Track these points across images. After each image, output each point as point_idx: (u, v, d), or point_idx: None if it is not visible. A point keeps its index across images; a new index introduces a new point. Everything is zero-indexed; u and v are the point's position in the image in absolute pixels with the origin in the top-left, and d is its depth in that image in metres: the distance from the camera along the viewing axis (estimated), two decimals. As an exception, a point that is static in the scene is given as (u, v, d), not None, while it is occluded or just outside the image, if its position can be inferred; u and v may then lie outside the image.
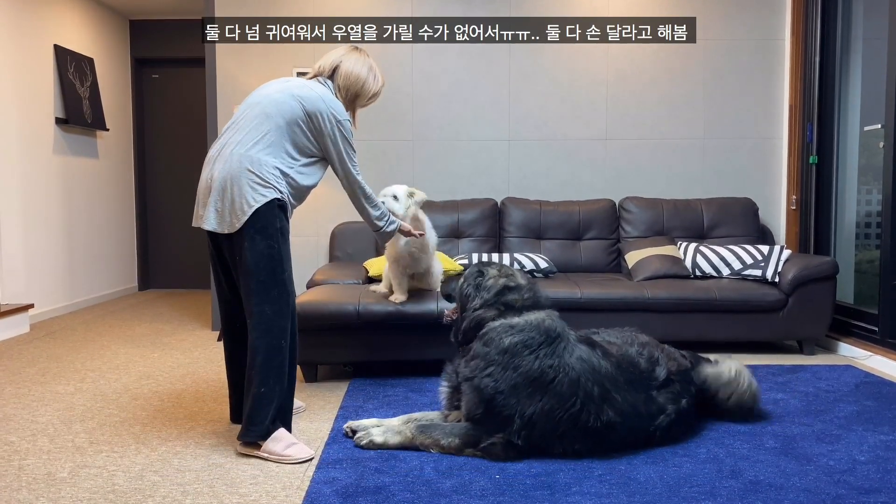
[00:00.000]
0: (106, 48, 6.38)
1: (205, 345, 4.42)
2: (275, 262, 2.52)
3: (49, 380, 3.58)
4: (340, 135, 2.69)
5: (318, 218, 4.89)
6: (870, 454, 2.51)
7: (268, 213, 2.51)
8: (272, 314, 2.52)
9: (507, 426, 2.40)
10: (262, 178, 2.52)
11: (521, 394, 2.38)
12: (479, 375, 2.44)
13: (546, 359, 2.41)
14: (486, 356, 2.46)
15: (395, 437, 2.56)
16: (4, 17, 4.90)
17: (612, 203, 4.79)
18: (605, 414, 2.42)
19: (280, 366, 2.52)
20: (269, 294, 2.52)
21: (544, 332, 2.48)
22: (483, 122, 4.94)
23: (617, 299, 3.99)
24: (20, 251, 5.07)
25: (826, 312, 4.05)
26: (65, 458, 2.51)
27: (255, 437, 2.50)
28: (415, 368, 3.68)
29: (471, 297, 2.66)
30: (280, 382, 2.53)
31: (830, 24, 4.61)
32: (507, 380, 2.39)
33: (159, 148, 7.01)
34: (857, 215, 4.51)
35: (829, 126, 4.64)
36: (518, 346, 2.43)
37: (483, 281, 2.67)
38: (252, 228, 2.50)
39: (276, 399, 2.51)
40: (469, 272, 2.75)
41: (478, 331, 2.58)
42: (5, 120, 4.90)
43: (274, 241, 2.53)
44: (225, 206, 2.53)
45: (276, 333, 2.52)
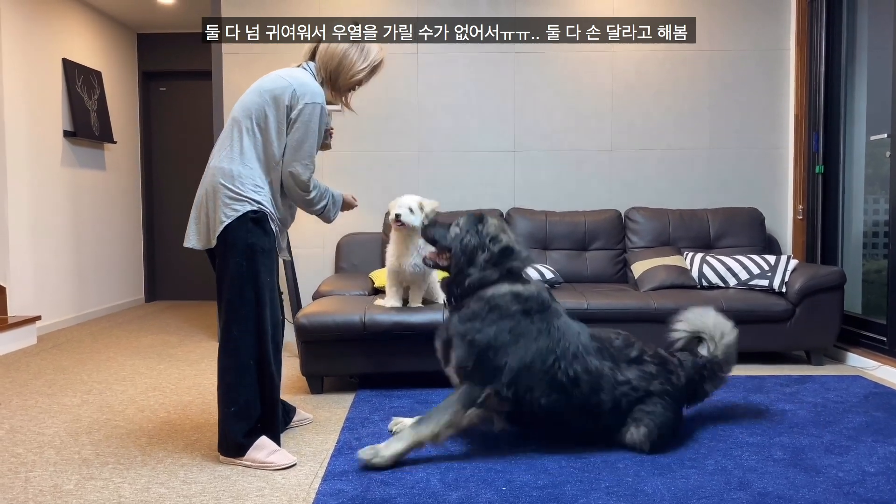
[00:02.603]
0: (114, 61, 6.43)
1: (211, 356, 4.42)
2: (243, 280, 2.46)
3: (56, 392, 3.58)
4: (302, 120, 2.48)
5: (324, 229, 4.90)
6: (879, 465, 2.49)
7: (237, 229, 2.45)
8: (238, 335, 2.49)
9: (496, 377, 2.51)
10: (235, 192, 2.45)
11: (509, 348, 2.52)
12: (474, 333, 2.54)
13: (538, 322, 2.58)
14: (489, 320, 2.54)
15: (399, 443, 2.50)
16: (14, 31, 4.95)
17: (617, 213, 4.78)
18: (573, 369, 2.56)
19: (251, 384, 2.51)
20: (236, 314, 2.49)
21: (541, 302, 2.62)
22: (488, 133, 4.95)
23: (623, 310, 3.98)
24: (28, 263, 5.09)
25: (834, 322, 4.03)
26: (71, 471, 2.51)
27: (229, 453, 2.53)
28: (421, 380, 3.67)
29: (475, 250, 2.62)
30: (253, 400, 2.51)
31: (835, 34, 4.62)
32: (501, 337, 2.53)
33: (166, 160, 7.04)
34: (865, 225, 4.50)
35: (835, 135, 4.63)
36: (519, 314, 2.56)
37: (484, 229, 2.65)
38: (223, 245, 2.47)
39: (248, 416, 2.51)
40: (467, 220, 2.70)
41: (479, 289, 2.60)
42: (14, 133, 4.94)
43: (242, 259, 2.46)
44: (201, 222, 2.53)
45: (243, 353, 2.49)
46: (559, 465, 2.49)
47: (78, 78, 5.70)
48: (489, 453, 2.63)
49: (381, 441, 2.74)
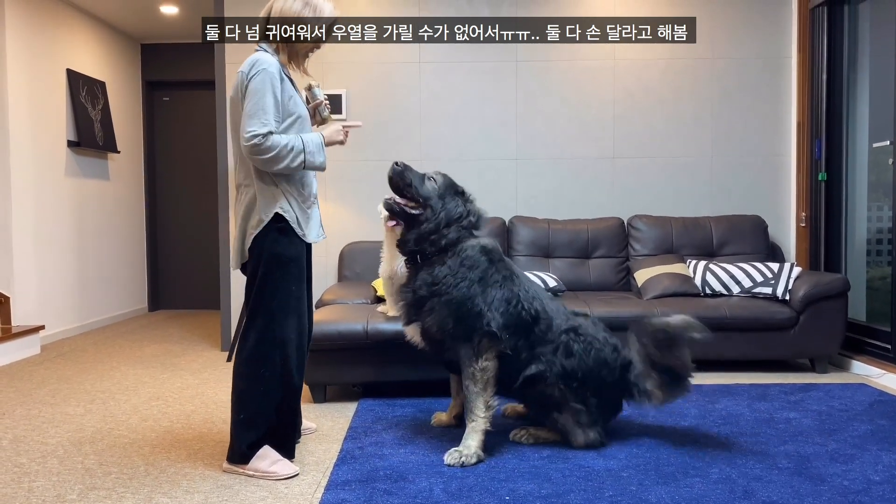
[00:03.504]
0: (118, 72, 6.46)
1: (214, 366, 4.42)
2: (265, 289, 2.51)
3: (59, 401, 3.59)
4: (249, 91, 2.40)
5: (327, 238, 4.91)
6: (885, 474, 2.47)
7: (262, 239, 2.51)
8: (254, 343, 2.51)
9: (480, 319, 2.66)
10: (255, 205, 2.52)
11: (484, 293, 2.71)
12: (451, 289, 2.69)
13: (502, 270, 2.80)
14: (461, 275, 2.71)
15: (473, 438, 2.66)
16: (19, 41, 4.98)
17: (620, 221, 4.78)
18: (534, 307, 2.77)
19: (264, 393, 2.51)
20: (254, 322, 2.52)
21: (500, 252, 2.88)
22: (490, 142, 4.96)
23: (627, 318, 3.96)
24: (32, 272, 5.10)
25: (838, 330, 4.02)
26: (74, 480, 2.51)
27: (234, 460, 2.55)
28: (423, 388, 3.66)
29: (459, 217, 2.80)
30: (263, 410, 2.52)
31: (837, 42, 4.62)
32: (473, 287, 2.70)
33: (170, 170, 7.06)
34: (868, 232, 4.49)
35: (838, 143, 4.63)
36: (487, 265, 2.77)
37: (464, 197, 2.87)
38: (252, 256, 2.53)
39: (258, 425, 2.51)
40: (445, 183, 2.84)
41: (454, 246, 2.77)
42: (19, 142, 4.96)
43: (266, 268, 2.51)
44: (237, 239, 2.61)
45: (257, 362, 2.51)
46: (562, 474, 2.48)
47: (82, 88, 5.73)
48: (492, 462, 2.62)
49: (383, 450, 2.75)
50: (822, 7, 4.64)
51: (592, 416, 2.76)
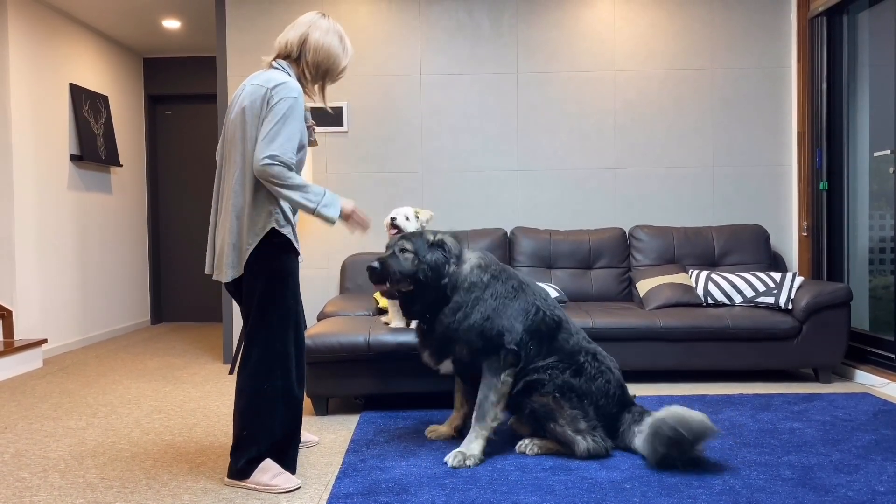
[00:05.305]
0: (120, 86, 6.50)
1: (216, 378, 4.42)
2: (265, 304, 2.50)
3: (61, 415, 3.58)
4: (274, 111, 2.40)
5: (329, 250, 4.92)
6: (890, 484, 2.46)
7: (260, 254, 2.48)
8: (258, 359, 2.51)
9: (502, 338, 2.76)
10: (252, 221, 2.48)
11: (501, 308, 2.79)
12: (468, 317, 2.77)
13: (508, 282, 2.87)
14: (472, 302, 2.79)
15: (477, 441, 2.75)
16: (22, 56, 5.01)
17: (622, 231, 4.78)
18: (555, 314, 2.88)
19: (267, 409, 2.50)
20: (256, 338, 2.52)
21: (497, 263, 2.95)
22: (492, 154, 4.97)
23: (629, 328, 3.97)
24: (34, 286, 5.11)
25: (841, 339, 4.01)
26: (76, 495, 2.50)
27: (232, 476, 2.54)
28: (426, 401, 3.66)
29: (443, 263, 2.82)
30: (265, 425, 2.51)
31: (836, 51, 4.64)
32: (486, 305, 2.79)
33: (172, 183, 7.09)
34: (871, 241, 4.48)
35: (839, 152, 4.63)
36: (490, 280, 2.85)
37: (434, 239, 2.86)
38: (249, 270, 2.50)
39: (259, 441, 2.51)
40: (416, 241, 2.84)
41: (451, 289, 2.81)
42: (22, 156, 4.99)
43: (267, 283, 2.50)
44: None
45: (260, 377, 2.50)
46: (565, 486, 2.47)
47: (85, 102, 5.76)
48: (495, 475, 2.61)
49: (385, 462, 2.74)
50: (821, 17, 4.66)
51: (591, 422, 2.75)
